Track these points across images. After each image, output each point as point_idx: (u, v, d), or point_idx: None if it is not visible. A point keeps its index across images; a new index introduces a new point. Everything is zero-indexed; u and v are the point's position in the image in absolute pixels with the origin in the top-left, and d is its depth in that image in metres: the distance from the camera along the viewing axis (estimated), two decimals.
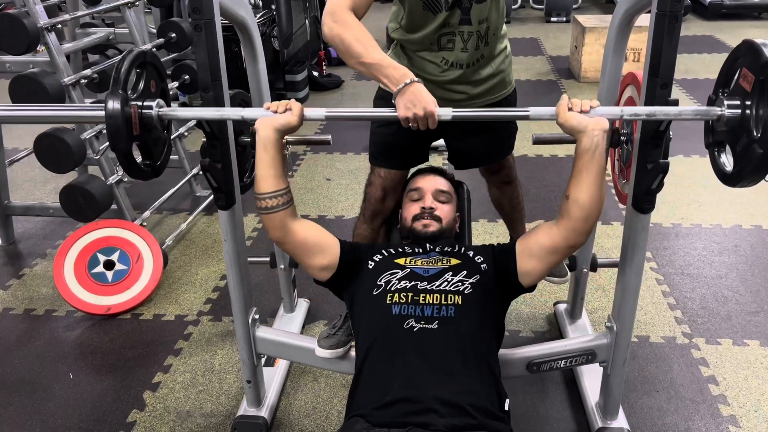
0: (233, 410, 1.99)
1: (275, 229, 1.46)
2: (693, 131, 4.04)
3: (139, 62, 1.36)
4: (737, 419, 1.91)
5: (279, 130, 1.41)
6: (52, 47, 2.51)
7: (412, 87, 1.42)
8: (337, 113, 1.50)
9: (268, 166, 1.42)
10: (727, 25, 7.35)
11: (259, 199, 1.43)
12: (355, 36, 1.50)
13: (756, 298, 2.49)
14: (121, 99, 1.28)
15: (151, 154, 1.42)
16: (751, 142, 1.22)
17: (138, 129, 1.34)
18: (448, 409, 1.25)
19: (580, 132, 1.33)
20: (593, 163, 1.34)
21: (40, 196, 3.66)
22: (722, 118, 1.29)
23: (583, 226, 1.38)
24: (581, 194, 1.35)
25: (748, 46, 1.24)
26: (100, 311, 2.50)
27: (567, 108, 1.35)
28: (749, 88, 1.24)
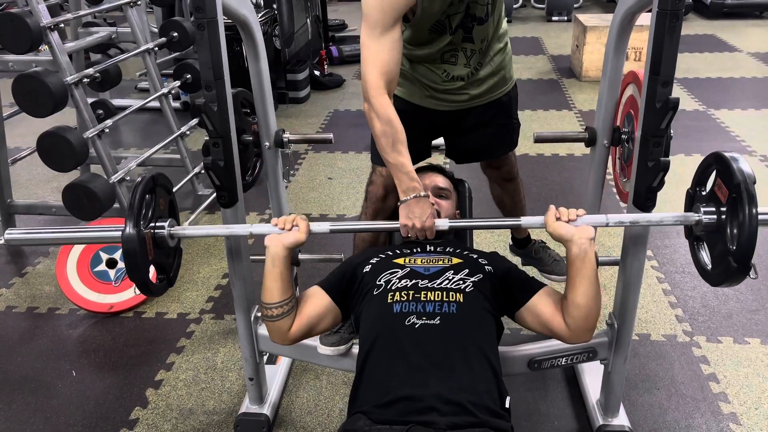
0: (235, 408, 2.00)
1: (276, 335, 1.50)
2: (694, 130, 4.05)
3: (149, 188, 1.42)
4: (738, 417, 1.92)
5: (288, 247, 1.46)
6: (55, 46, 2.52)
7: (417, 200, 1.52)
8: (342, 227, 1.60)
9: (276, 280, 1.46)
10: (728, 24, 7.35)
11: (265, 308, 1.48)
12: (384, 131, 1.55)
13: (756, 297, 2.49)
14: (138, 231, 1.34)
15: (165, 270, 1.49)
16: (727, 252, 1.29)
17: (152, 253, 1.41)
18: (449, 407, 1.26)
19: (568, 241, 1.40)
20: (584, 268, 1.40)
21: (42, 194, 3.67)
22: (700, 223, 1.36)
23: (584, 325, 1.42)
24: (578, 297, 1.40)
25: (719, 159, 1.32)
26: (102, 309, 2.51)
27: (555, 218, 1.42)
28: (723, 200, 1.31)
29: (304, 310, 1.52)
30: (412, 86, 1.85)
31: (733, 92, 4.97)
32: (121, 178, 2.77)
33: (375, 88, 1.56)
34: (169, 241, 1.45)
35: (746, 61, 5.90)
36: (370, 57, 1.57)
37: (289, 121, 4.71)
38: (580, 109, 4.67)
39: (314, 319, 1.52)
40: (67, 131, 2.51)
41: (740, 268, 1.26)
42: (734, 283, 1.32)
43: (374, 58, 1.56)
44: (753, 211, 1.23)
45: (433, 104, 1.86)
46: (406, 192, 1.54)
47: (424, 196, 1.53)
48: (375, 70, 1.56)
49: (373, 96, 1.56)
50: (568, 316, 1.42)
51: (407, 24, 1.69)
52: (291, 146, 1.92)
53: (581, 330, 1.42)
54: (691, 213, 1.39)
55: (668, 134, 1.40)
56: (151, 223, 1.41)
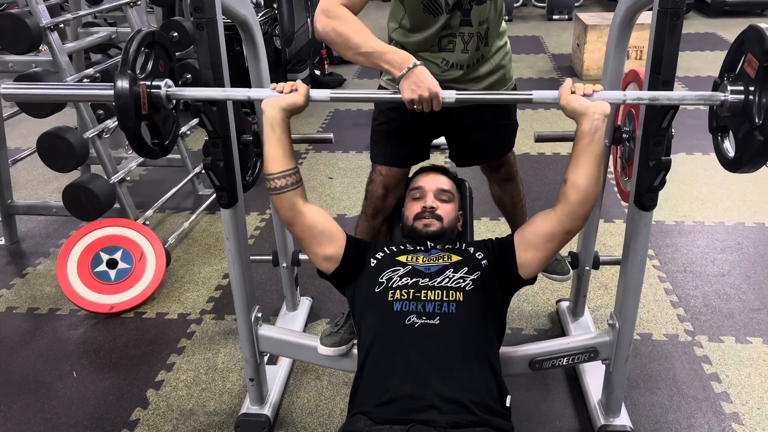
0: (236, 408, 2.00)
1: (285, 209, 1.47)
2: (695, 129, 4.04)
3: (147, 42, 1.36)
4: (740, 417, 1.91)
5: (285, 109, 1.41)
6: (55, 47, 2.52)
7: (415, 70, 1.43)
8: (342, 95, 1.51)
9: (276, 146, 1.43)
10: (729, 22, 7.34)
11: (268, 180, 1.45)
12: (352, 28, 1.49)
13: (759, 296, 2.48)
14: (130, 78, 1.29)
15: (159, 134, 1.43)
16: (753, 128, 1.23)
17: (147, 108, 1.34)
18: (449, 405, 1.26)
19: (580, 115, 1.35)
20: (592, 147, 1.35)
21: (43, 195, 3.67)
22: (725, 103, 1.29)
23: (580, 210, 1.38)
24: (579, 178, 1.36)
25: (755, 31, 1.24)
26: (103, 310, 2.51)
27: (570, 91, 1.37)
28: (753, 74, 1.24)
29: (326, 215, 1.51)
30: None
31: None
32: (121, 179, 2.77)
33: (334, 3, 1.50)
34: (166, 102, 1.39)
35: None
36: None
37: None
38: None
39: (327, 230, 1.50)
40: (67, 132, 2.51)
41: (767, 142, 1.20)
42: (757, 163, 1.25)
43: None
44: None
45: None
46: (401, 65, 1.44)
47: (421, 65, 1.44)
48: None
49: (329, 9, 1.49)
50: (565, 201, 1.39)
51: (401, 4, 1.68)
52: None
53: (575, 215, 1.39)
54: (716, 92, 1.31)
55: (669, 133, 1.40)
56: (147, 82, 1.35)
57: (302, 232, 1.50)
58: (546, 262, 1.50)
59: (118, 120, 1.31)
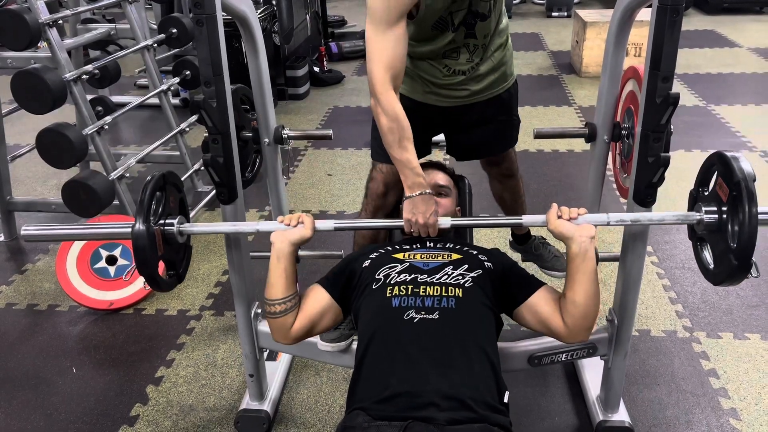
0: (236, 404, 2.00)
1: (279, 332, 1.50)
2: (694, 126, 4.05)
3: (159, 186, 1.44)
4: (738, 412, 1.92)
5: (294, 243, 1.48)
6: (54, 43, 2.51)
7: (421, 197, 1.55)
8: (346, 224, 1.60)
9: (280, 276, 1.47)
10: (728, 19, 7.34)
11: (268, 305, 1.48)
12: (390, 127, 1.57)
13: (757, 292, 2.49)
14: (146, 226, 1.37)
15: (174, 266, 1.51)
16: (728, 250, 1.29)
17: (162, 249, 1.43)
18: (448, 402, 1.26)
19: (568, 239, 1.41)
20: (584, 266, 1.40)
21: (42, 191, 3.67)
22: (701, 222, 1.37)
23: (582, 323, 1.42)
24: (576, 295, 1.40)
25: (721, 158, 1.32)
26: (102, 306, 2.51)
27: (556, 216, 1.43)
28: (725, 199, 1.32)
29: (304, 309, 1.52)
30: (412, 82, 1.84)
31: (733, 88, 4.96)
32: (120, 175, 2.77)
33: (381, 83, 1.56)
34: (179, 237, 1.47)
35: (746, 56, 5.89)
36: (375, 53, 1.57)
37: (288, 117, 4.71)
38: (580, 105, 4.67)
39: (315, 317, 1.52)
40: (66, 128, 2.50)
41: (741, 266, 1.27)
42: (735, 281, 1.33)
43: (380, 54, 1.57)
44: (753, 209, 1.24)
45: (434, 100, 1.85)
46: (412, 188, 1.56)
47: (429, 194, 1.55)
48: (381, 65, 1.56)
49: (379, 92, 1.57)
50: (567, 315, 1.42)
51: (410, 21, 1.69)
52: (290, 143, 1.91)
53: (579, 329, 1.42)
54: (692, 212, 1.40)
55: (668, 130, 1.40)
56: (161, 220, 1.44)
57: (302, 338, 1.53)
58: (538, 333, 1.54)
59: (136, 262, 1.39)
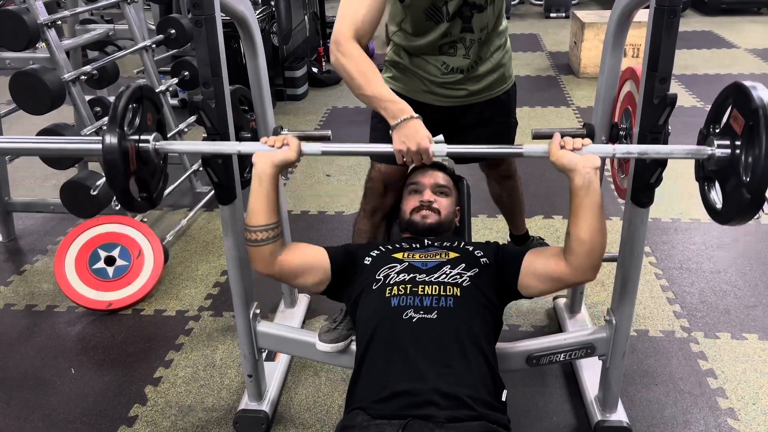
0: (234, 404, 2.00)
1: (260, 261, 1.47)
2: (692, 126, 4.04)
3: (135, 97, 1.37)
4: (735, 412, 1.92)
5: (277, 165, 1.41)
6: (52, 43, 2.51)
7: (409, 122, 1.45)
8: (334, 149, 1.49)
9: (261, 200, 1.42)
10: (726, 20, 7.35)
11: (249, 231, 1.44)
12: (358, 69, 1.52)
13: (754, 292, 2.50)
14: (119, 136, 1.28)
15: (147, 187, 1.43)
16: (740, 185, 1.23)
17: (135, 164, 1.34)
18: (447, 401, 1.26)
19: (571, 171, 1.34)
20: (588, 200, 1.34)
21: (40, 192, 3.65)
22: (712, 158, 1.30)
23: (587, 262, 1.37)
24: (581, 231, 1.35)
25: (739, 89, 1.25)
26: (101, 307, 2.51)
27: (559, 146, 1.35)
28: (739, 131, 1.25)
29: (301, 249, 1.50)
30: (410, 81, 1.84)
31: None
32: None
33: (344, 36, 1.53)
34: (154, 156, 1.39)
35: (744, 57, 5.91)
36: (346, 11, 1.55)
37: (287, 118, 4.71)
38: (578, 106, 4.68)
39: (306, 263, 1.50)
40: (65, 129, 2.50)
41: (754, 200, 1.20)
42: (746, 218, 1.24)
43: (349, 11, 1.54)
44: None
45: (432, 99, 1.85)
46: (396, 115, 1.46)
47: (417, 118, 1.46)
48: (347, 22, 1.54)
49: (341, 42, 1.53)
50: (571, 254, 1.37)
51: (403, 4, 1.69)
52: None
53: (585, 267, 1.37)
54: (703, 146, 1.32)
55: (666, 130, 1.40)
56: (135, 136, 1.35)
57: (280, 278, 1.52)
58: (548, 293, 1.51)
59: (106, 177, 1.30)
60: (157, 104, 1.47)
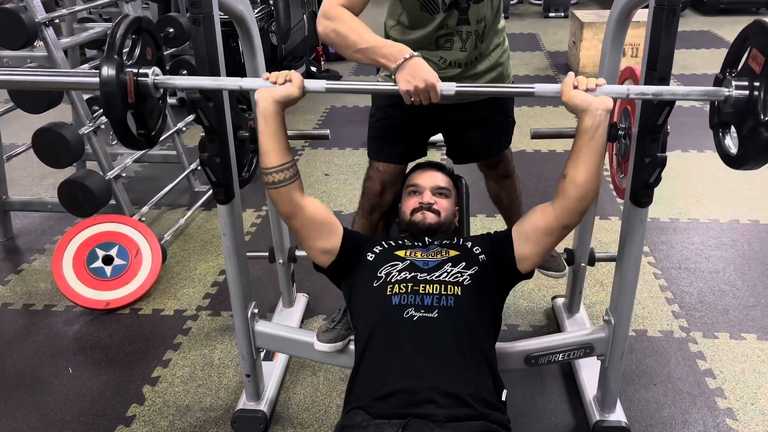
0: (232, 404, 2.00)
1: (282, 203, 1.44)
2: (691, 127, 4.05)
3: (134, 28, 1.31)
4: (734, 412, 1.92)
5: (279, 101, 1.37)
6: (50, 42, 2.51)
7: (411, 61, 1.41)
8: (338, 86, 1.46)
9: (271, 139, 1.40)
10: (725, 20, 7.36)
11: (265, 173, 1.42)
12: (350, 26, 1.49)
13: (753, 292, 2.50)
14: (116, 65, 1.24)
15: (146, 124, 1.37)
16: (758, 124, 1.20)
17: (133, 97, 1.29)
18: (446, 399, 1.26)
19: (583, 111, 1.31)
20: (593, 143, 1.33)
21: (38, 191, 3.65)
22: (729, 99, 1.26)
23: (578, 206, 1.37)
24: (579, 174, 1.35)
25: (760, 26, 1.21)
26: (98, 306, 2.50)
27: (572, 86, 1.32)
28: (759, 70, 1.21)
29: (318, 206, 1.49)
30: None
31: None
32: (116, 175, 2.77)
33: (333, 5, 1.51)
34: (153, 90, 1.34)
35: None
36: None
37: (285, 117, 4.69)
38: None
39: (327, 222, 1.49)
40: (62, 127, 2.50)
41: None
42: (763, 159, 1.22)
43: None
44: None
45: None
46: (396, 57, 1.42)
47: (417, 56, 1.42)
48: None
49: (331, 9, 1.51)
50: (564, 197, 1.37)
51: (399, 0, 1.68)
52: None
53: (573, 210, 1.37)
54: (720, 88, 1.29)
55: (665, 130, 1.40)
56: (134, 69, 1.30)
57: (300, 225, 1.48)
58: (544, 256, 1.50)
59: (103, 108, 1.26)
60: (157, 40, 1.42)
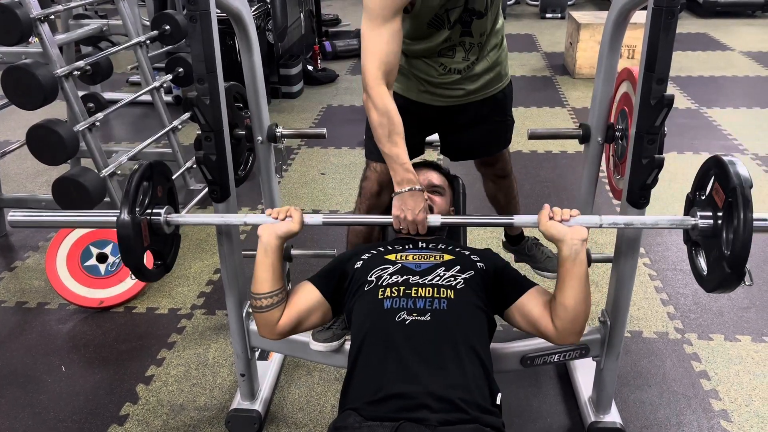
0: (227, 403, 1.99)
1: (266, 326, 1.49)
2: (687, 128, 4.07)
3: (146, 176, 1.42)
4: (728, 414, 1.93)
5: (281, 237, 1.46)
6: (45, 38, 2.49)
7: (410, 194, 1.53)
8: (334, 219, 1.60)
9: (267, 270, 1.46)
10: (721, 22, 7.38)
11: (255, 299, 1.47)
12: (380, 121, 1.56)
13: (748, 294, 2.50)
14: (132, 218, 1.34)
15: (162, 256, 1.49)
16: (721, 257, 1.27)
17: (148, 240, 1.41)
18: (440, 403, 1.25)
19: (559, 241, 1.39)
20: (575, 270, 1.38)
21: (32, 188, 3.63)
22: (696, 227, 1.35)
23: (571, 328, 1.40)
24: (566, 299, 1.39)
25: (718, 162, 1.31)
26: (92, 304, 2.49)
27: (548, 217, 1.41)
28: (720, 205, 1.30)
29: (293, 303, 1.51)
30: (407, 81, 1.84)
31: (726, 91, 4.98)
32: (111, 172, 2.75)
33: (373, 78, 1.56)
34: (165, 228, 1.45)
35: (739, 59, 5.93)
36: (369, 48, 1.57)
37: (282, 116, 4.69)
38: (573, 107, 4.68)
39: (303, 312, 1.50)
40: (57, 124, 2.48)
41: (734, 274, 1.24)
42: (728, 289, 1.30)
43: (374, 49, 1.57)
44: (748, 216, 1.22)
45: (429, 99, 1.85)
46: (401, 184, 1.54)
47: (419, 190, 1.54)
48: (374, 60, 1.56)
49: (371, 86, 1.56)
50: (556, 318, 1.41)
51: (406, 15, 1.69)
52: (284, 141, 1.91)
53: (568, 332, 1.41)
54: (687, 217, 1.38)
55: (663, 131, 1.40)
56: (148, 210, 1.42)
57: (288, 333, 1.52)
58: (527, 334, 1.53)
59: (121, 255, 1.37)
60: (166, 175, 1.52)
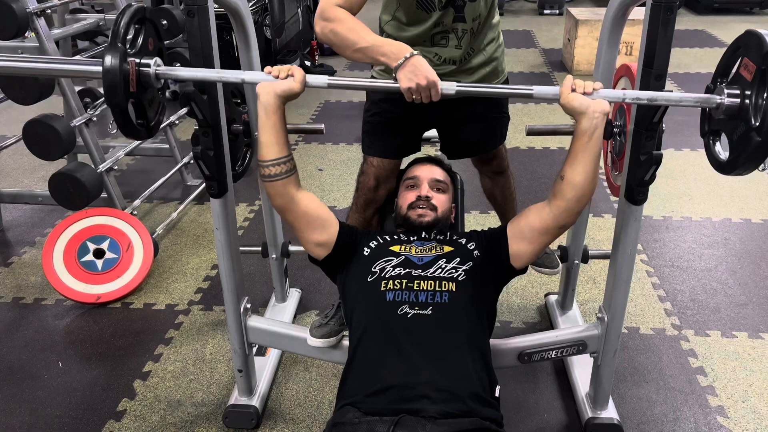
0: (224, 399, 1.99)
1: (278, 196, 1.45)
2: (684, 125, 4.06)
3: (138, 17, 1.32)
4: (725, 410, 1.93)
5: (281, 96, 1.38)
6: (41, 33, 2.48)
7: (412, 59, 1.42)
8: (340, 81, 1.45)
9: (270, 132, 1.41)
10: (719, 19, 7.38)
11: (262, 167, 1.42)
12: (348, 26, 1.49)
13: (744, 291, 2.51)
14: (120, 54, 1.24)
15: (145, 114, 1.38)
16: (749, 130, 1.23)
17: (135, 86, 1.29)
18: (439, 395, 1.26)
19: (580, 113, 1.34)
20: (590, 145, 1.35)
21: (28, 183, 3.62)
22: (721, 106, 1.29)
23: (575, 207, 1.40)
24: (576, 175, 1.37)
25: (751, 35, 1.25)
26: (89, 300, 2.49)
27: (570, 89, 1.35)
28: (750, 78, 1.25)
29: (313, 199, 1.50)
30: None
31: None
32: (108, 168, 2.74)
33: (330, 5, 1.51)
34: (155, 81, 1.34)
35: None
36: None
37: None
38: None
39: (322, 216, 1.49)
40: (53, 119, 2.47)
41: (764, 143, 1.20)
42: (753, 164, 1.25)
43: None
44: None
45: None
46: (398, 55, 1.42)
47: (417, 54, 1.43)
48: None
49: (325, 9, 1.50)
50: (561, 197, 1.39)
51: None
52: None
53: (570, 211, 1.40)
54: (712, 95, 1.32)
55: (661, 127, 1.40)
56: (137, 59, 1.30)
57: (295, 219, 1.49)
58: (538, 254, 1.51)
59: (105, 96, 1.27)
60: (159, 30, 1.43)
